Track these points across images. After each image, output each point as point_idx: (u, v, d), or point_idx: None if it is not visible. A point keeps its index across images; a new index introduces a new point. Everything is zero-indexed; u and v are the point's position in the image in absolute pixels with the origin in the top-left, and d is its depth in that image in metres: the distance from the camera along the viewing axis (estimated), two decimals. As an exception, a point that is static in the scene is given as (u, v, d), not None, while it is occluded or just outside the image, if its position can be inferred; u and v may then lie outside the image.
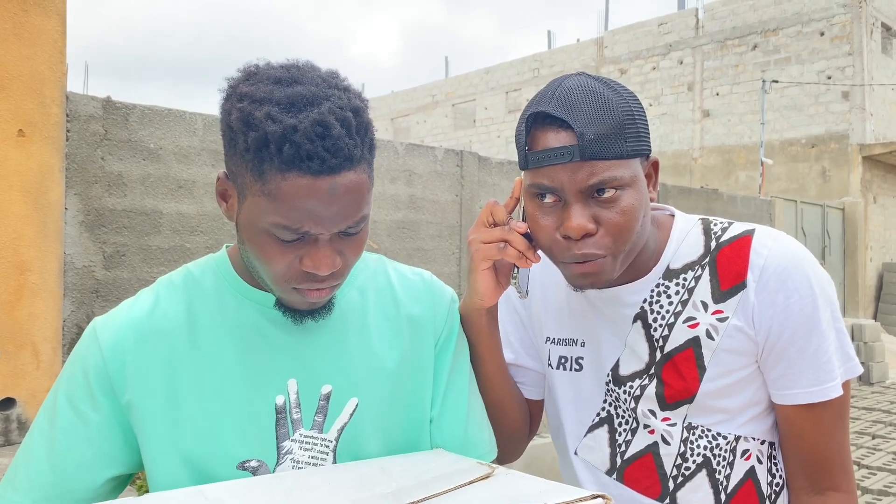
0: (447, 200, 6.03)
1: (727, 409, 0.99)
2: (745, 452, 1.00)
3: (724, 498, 1.00)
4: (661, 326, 1.01)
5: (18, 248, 3.06)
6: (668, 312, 1.01)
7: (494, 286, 0.99)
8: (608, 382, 1.05)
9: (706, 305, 0.99)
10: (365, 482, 0.78)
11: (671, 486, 1.01)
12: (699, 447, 1.00)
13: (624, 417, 1.05)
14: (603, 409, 1.07)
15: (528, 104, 0.95)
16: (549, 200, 0.93)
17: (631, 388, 1.03)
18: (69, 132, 3.81)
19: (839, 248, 12.43)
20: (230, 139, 0.79)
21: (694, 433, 1.00)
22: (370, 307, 0.96)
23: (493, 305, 1.02)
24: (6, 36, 3.01)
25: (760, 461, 1.01)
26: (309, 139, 0.74)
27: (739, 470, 1.00)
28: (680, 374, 0.99)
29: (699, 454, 1.00)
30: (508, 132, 18.21)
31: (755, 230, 1.00)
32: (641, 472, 1.03)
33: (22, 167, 3.06)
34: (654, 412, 1.01)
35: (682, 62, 15.50)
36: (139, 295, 0.93)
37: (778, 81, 13.50)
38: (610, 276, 0.95)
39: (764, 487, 1.01)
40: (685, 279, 1.01)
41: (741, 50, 14.59)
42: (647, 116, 0.96)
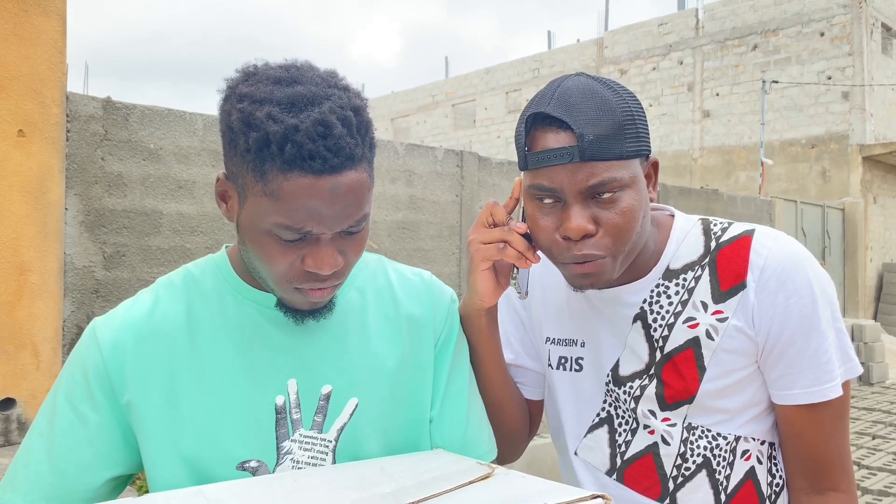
0: (447, 201, 6.03)
1: (727, 409, 0.99)
2: (745, 453, 1.00)
3: (724, 498, 1.00)
4: (660, 327, 1.01)
5: (18, 248, 3.06)
6: (667, 313, 1.01)
7: (494, 286, 0.99)
8: (608, 383, 1.05)
9: (706, 305, 0.99)
10: (364, 482, 0.78)
11: (671, 486, 1.01)
12: (699, 447, 1.00)
13: (624, 418, 1.05)
14: (603, 409, 1.07)
15: (527, 105, 0.95)
16: (548, 201, 0.93)
17: (631, 388, 1.03)
18: (69, 132, 3.81)
19: (839, 248, 12.43)
20: (230, 140, 0.79)
21: (694, 433, 1.00)
22: (370, 307, 0.96)
23: (492, 306, 1.02)
24: (6, 36, 3.01)
25: (760, 461, 1.01)
26: (311, 139, 0.74)
27: (739, 470, 1.00)
28: (680, 374, 0.99)
29: (699, 454, 1.00)
30: (508, 132, 18.21)
31: (755, 230, 1.00)
32: (641, 472, 1.03)
33: (22, 167, 3.06)
34: (653, 412, 1.01)
35: (682, 62, 15.50)
36: (139, 295, 0.93)
37: (778, 82, 13.51)
38: (610, 276, 0.95)
39: (764, 488, 1.01)
40: (685, 279, 1.01)
41: (741, 50, 14.59)
42: (646, 117, 0.96)
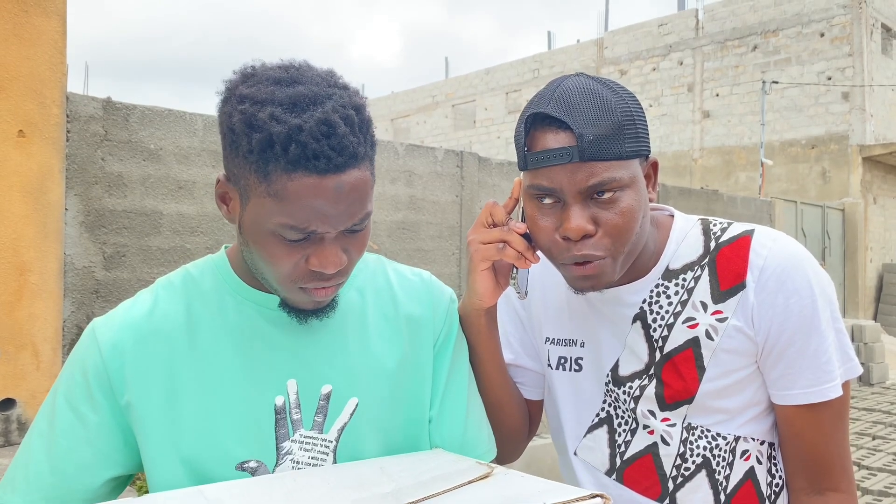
0: (447, 201, 6.03)
1: (727, 409, 0.99)
2: (744, 453, 1.00)
3: (723, 498, 1.00)
4: (660, 327, 1.01)
5: (19, 248, 3.06)
6: (667, 313, 1.01)
7: (493, 287, 0.99)
8: (608, 383, 1.05)
9: (705, 306, 0.99)
10: (364, 482, 0.78)
11: (671, 486, 1.01)
12: (699, 447, 1.00)
13: (623, 418, 1.05)
14: (602, 409, 1.07)
15: (527, 105, 0.95)
16: (548, 201, 0.93)
17: (630, 388, 1.03)
18: (69, 133, 3.81)
19: (839, 248, 12.43)
20: (232, 142, 0.79)
21: (693, 433, 1.00)
22: (369, 307, 0.96)
23: (492, 306, 1.02)
24: (6, 36, 3.01)
25: (760, 461, 1.01)
26: (314, 138, 0.74)
27: (739, 470, 1.00)
28: (679, 374, 0.99)
29: (699, 454, 1.00)
30: (508, 133, 18.22)
31: (754, 230, 1.00)
32: (641, 472, 1.03)
33: (22, 168, 3.06)
34: (653, 412, 1.01)
35: (682, 63, 15.50)
36: (138, 296, 0.93)
37: (778, 82, 13.51)
38: (610, 277, 0.95)
39: (763, 488, 1.01)
40: (685, 279, 1.01)
41: (741, 51, 14.60)
42: (646, 117, 0.96)
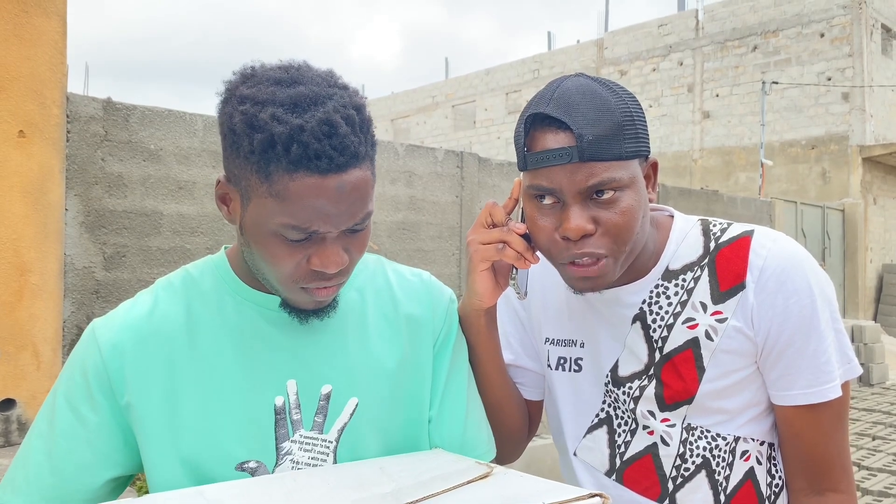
0: (447, 201, 6.03)
1: (726, 409, 0.99)
2: (744, 453, 1.00)
3: (723, 499, 1.00)
4: (660, 327, 1.01)
5: (19, 249, 3.06)
6: (667, 313, 1.01)
7: (493, 287, 0.99)
8: (607, 383, 1.05)
9: (705, 306, 0.99)
10: (364, 482, 0.78)
11: (670, 487, 1.01)
12: (698, 448, 1.00)
13: (623, 418, 1.05)
14: (602, 410, 1.07)
15: (527, 105, 0.95)
16: (547, 201, 0.93)
17: (630, 388, 1.03)
18: (69, 133, 3.81)
19: (839, 249, 12.43)
20: (233, 142, 0.79)
21: (693, 434, 1.00)
22: (369, 307, 0.96)
23: (491, 306, 1.02)
24: (7, 37, 3.01)
25: (760, 462, 1.01)
26: (316, 138, 0.75)
27: (739, 471, 1.00)
28: (679, 374, 0.99)
29: (698, 455, 1.00)
30: (508, 133, 18.22)
31: (754, 231, 1.00)
32: (641, 473, 1.03)
33: (22, 168, 3.06)
34: (653, 413, 1.01)
35: (682, 63, 15.50)
36: (138, 297, 0.93)
37: (778, 83, 13.51)
38: (610, 278, 0.95)
39: (763, 488, 1.01)
40: (684, 280, 1.01)
41: (741, 51, 14.60)
42: (646, 118, 0.96)
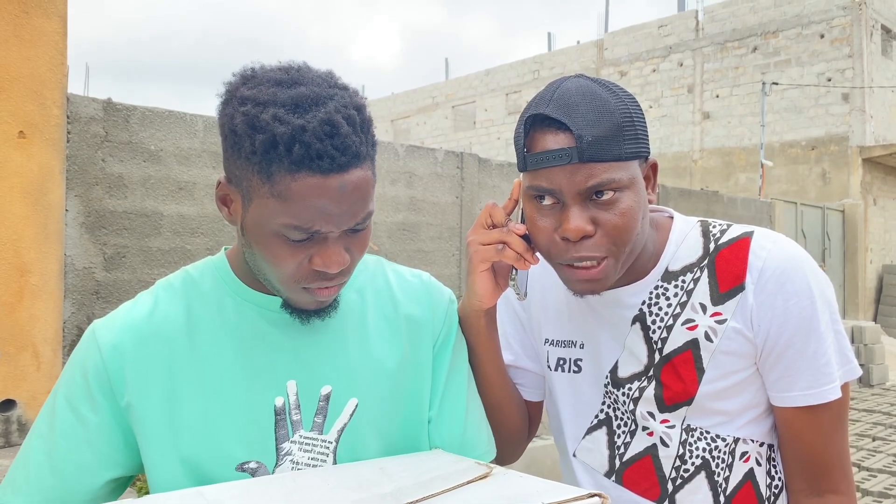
0: (447, 202, 6.03)
1: (726, 411, 0.99)
2: (744, 454, 1.00)
3: (723, 500, 1.00)
4: (659, 328, 1.01)
5: (19, 249, 3.06)
6: (666, 314, 1.01)
7: (493, 288, 1.00)
8: (607, 384, 1.05)
9: (705, 307, 0.99)
10: (363, 483, 0.78)
11: (670, 488, 1.01)
12: (698, 449, 1.00)
13: (623, 419, 1.05)
14: (602, 410, 1.07)
15: (526, 106, 0.95)
16: (547, 202, 0.93)
17: (630, 389, 1.03)
18: (70, 134, 3.81)
19: (839, 250, 12.43)
20: (234, 143, 0.79)
21: (693, 435, 1.00)
22: (369, 308, 0.96)
23: (491, 307, 1.02)
24: (7, 37, 3.01)
25: (759, 463, 1.01)
26: (318, 138, 0.75)
27: (738, 472, 1.00)
28: (679, 376, 0.99)
29: (698, 456, 1.00)
30: (508, 134, 18.22)
31: (754, 232, 1.00)
32: (640, 474, 1.03)
33: (22, 169, 3.06)
34: (652, 414, 1.01)
35: (682, 64, 15.51)
36: (138, 297, 0.93)
37: (778, 83, 13.51)
38: (609, 280, 0.95)
39: (763, 489, 1.01)
40: (684, 281, 1.01)
41: (741, 52, 14.60)
42: (645, 119, 0.96)
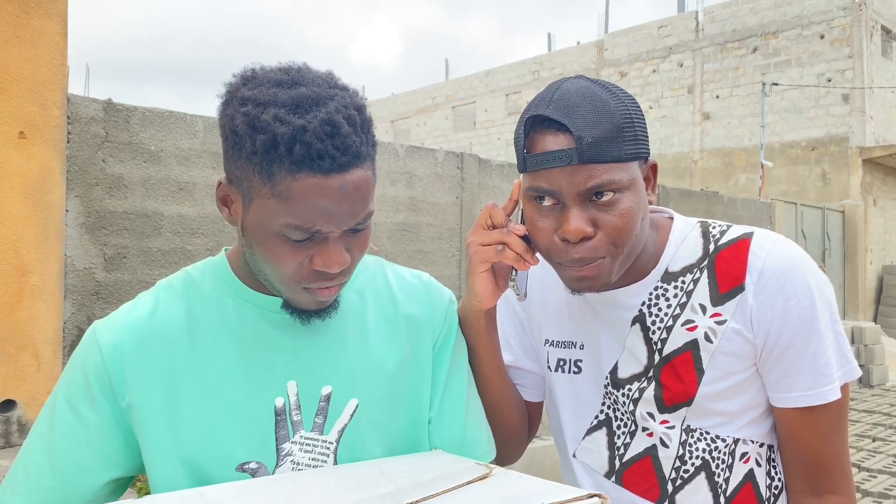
0: (447, 203, 6.03)
1: (726, 411, 1.00)
2: (743, 455, 1.00)
3: (723, 500, 1.00)
4: (659, 329, 1.01)
5: (19, 249, 3.06)
6: (666, 315, 1.01)
7: (493, 288, 1.00)
8: (607, 385, 1.05)
9: (704, 308, 0.99)
10: (363, 483, 0.79)
11: (670, 488, 1.01)
12: (698, 450, 1.00)
13: (622, 420, 1.05)
14: (601, 411, 1.07)
15: (526, 107, 0.95)
16: (547, 203, 0.93)
17: (629, 390, 1.03)
18: (70, 134, 3.81)
19: (839, 250, 12.43)
20: (234, 144, 0.79)
21: (692, 436, 1.00)
22: (369, 308, 0.96)
23: (491, 307, 1.02)
24: (7, 38, 3.01)
25: (759, 464, 1.01)
26: (319, 139, 0.75)
27: (738, 473, 1.00)
28: (678, 376, 0.99)
29: (698, 457, 1.00)
30: (508, 134, 18.22)
31: (754, 233, 1.00)
32: (640, 474, 1.03)
33: (23, 169, 3.07)
34: (652, 415, 1.01)
35: (682, 65, 15.51)
36: (139, 298, 0.93)
37: (778, 84, 13.52)
38: (608, 279, 0.95)
39: (763, 490, 1.01)
40: (683, 282, 1.01)
41: (741, 52, 14.60)
42: (645, 120, 0.96)
